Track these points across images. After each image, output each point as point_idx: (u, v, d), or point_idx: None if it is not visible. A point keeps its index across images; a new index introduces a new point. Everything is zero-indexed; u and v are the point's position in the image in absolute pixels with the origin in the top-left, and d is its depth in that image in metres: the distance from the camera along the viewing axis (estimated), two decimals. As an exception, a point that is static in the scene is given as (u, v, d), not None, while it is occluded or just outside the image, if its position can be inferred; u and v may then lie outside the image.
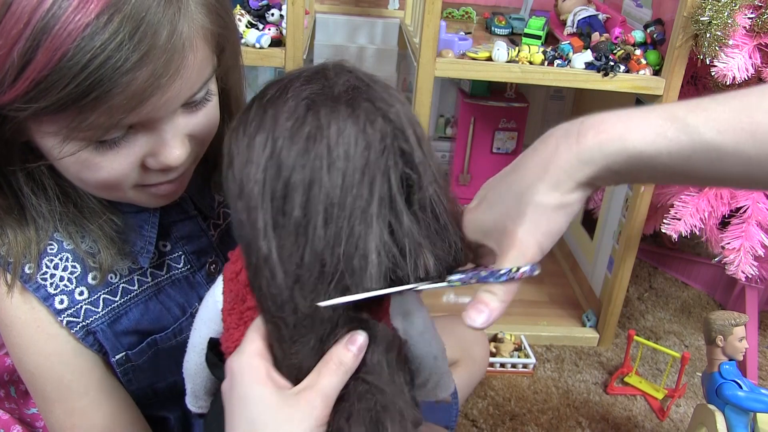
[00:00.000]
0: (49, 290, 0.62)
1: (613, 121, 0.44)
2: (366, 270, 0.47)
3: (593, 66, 1.19)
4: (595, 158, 0.44)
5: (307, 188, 0.46)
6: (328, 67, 0.51)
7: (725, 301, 1.65)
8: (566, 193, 0.45)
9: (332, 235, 0.46)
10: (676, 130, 0.42)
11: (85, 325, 0.64)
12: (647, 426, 1.28)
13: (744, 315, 1.06)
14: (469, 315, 0.46)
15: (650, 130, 0.43)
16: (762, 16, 1.11)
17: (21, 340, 0.63)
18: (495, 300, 0.46)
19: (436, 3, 1.12)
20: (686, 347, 1.52)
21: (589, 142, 0.44)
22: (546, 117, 1.77)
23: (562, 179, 0.45)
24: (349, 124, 0.46)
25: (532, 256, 0.46)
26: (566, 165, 0.45)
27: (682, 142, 0.42)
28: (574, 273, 1.68)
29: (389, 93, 0.50)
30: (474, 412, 1.26)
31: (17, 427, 0.79)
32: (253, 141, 0.47)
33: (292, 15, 1.10)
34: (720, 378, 1.04)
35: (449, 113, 1.76)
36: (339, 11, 1.64)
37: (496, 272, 0.46)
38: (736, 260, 1.23)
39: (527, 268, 0.46)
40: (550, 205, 0.45)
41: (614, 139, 0.44)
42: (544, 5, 1.54)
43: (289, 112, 0.47)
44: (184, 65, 0.51)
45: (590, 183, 0.46)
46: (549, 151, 0.46)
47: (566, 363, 1.42)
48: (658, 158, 0.43)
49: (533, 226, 0.46)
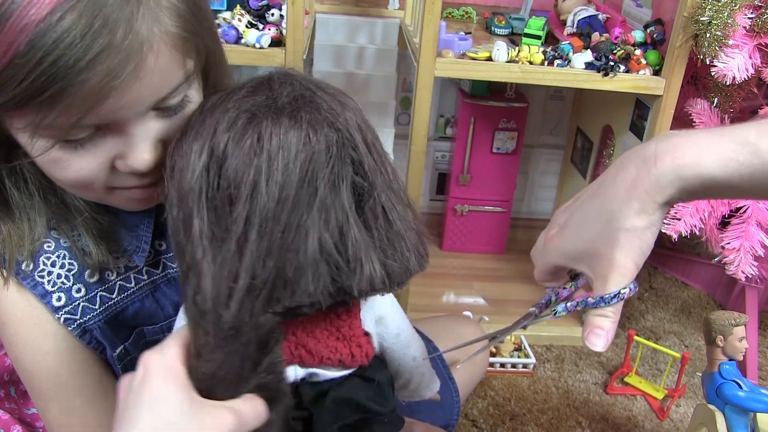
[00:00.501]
0: (46, 287, 0.63)
1: (687, 146, 0.48)
2: (300, 282, 0.46)
3: (593, 66, 1.19)
4: (674, 182, 0.48)
5: (244, 200, 0.45)
6: (273, 78, 0.50)
7: (725, 301, 1.65)
8: (651, 214, 0.50)
9: (265, 247, 0.45)
10: (748, 153, 0.46)
11: (82, 323, 0.64)
12: (647, 426, 1.28)
13: (744, 315, 1.06)
14: (590, 340, 0.50)
15: (724, 155, 0.47)
16: (762, 16, 1.11)
17: (18, 338, 0.63)
18: (608, 322, 0.50)
19: (436, 3, 1.12)
20: (686, 347, 1.52)
21: (667, 167, 0.48)
22: (546, 117, 1.77)
23: (646, 202, 0.49)
24: (290, 136, 0.46)
25: (632, 276, 0.50)
26: (649, 189, 0.49)
27: (754, 165, 0.46)
28: (574, 273, 1.68)
29: (338, 101, 0.50)
30: (474, 412, 1.26)
31: (17, 427, 0.79)
32: (190, 150, 0.47)
33: (292, 15, 1.10)
34: (720, 378, 1.04)
35: (449, 113, 1.76)
36: (339, 11, 1.64)
37: (606, 297, 0.50)
38: (736, 260, 1.23)
39: (632, 287, 0.50)
40: (640, 227, 0.50)
41: (691, 164, 0.48)
42: (544, 5, 1.53)
43: (228, 122, 0.47)
44: (143, 67, 0.50)
45: (668, 203, 0.50)
46: (630, 178, 0.50)
47: (566, 363, 1.42)
48: (731, 181, 0.47)
49: (629, 249, 0.50)
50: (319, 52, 1.58)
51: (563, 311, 0.51)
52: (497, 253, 1.78)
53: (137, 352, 0.68)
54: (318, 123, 0.47)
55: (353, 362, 0.51)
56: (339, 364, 0.50)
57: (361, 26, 1.61)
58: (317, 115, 0.47)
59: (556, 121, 1.77)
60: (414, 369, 0.60)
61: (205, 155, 0.46)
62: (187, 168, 0.47)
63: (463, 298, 1.58)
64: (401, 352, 0.58)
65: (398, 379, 0.59)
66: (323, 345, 0.51)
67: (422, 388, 0.63)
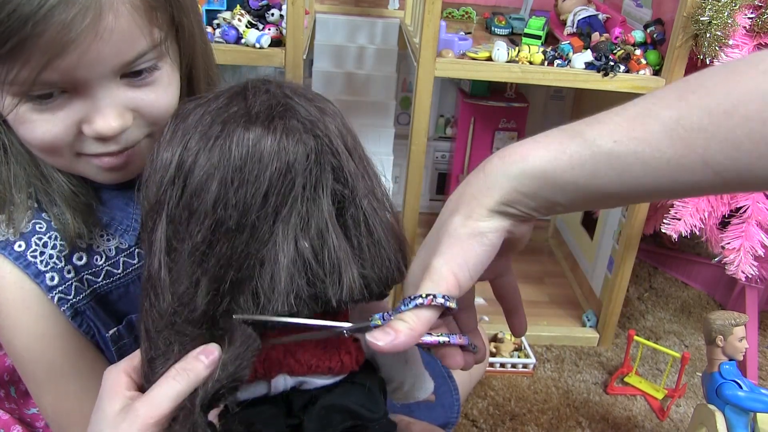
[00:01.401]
0: (39, 267, 0.62)
1: (516, 146, 0.45)
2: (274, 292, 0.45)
3: (593, 66, 1.19)
4: (500, 182, 0.45)
5: (210, 212, 0.45)
6: (248, 87, 0.49)
7: (725, 301, 1.65)
8: (478, 220, 0.45)
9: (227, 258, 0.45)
10: (576, 145, 0.43)
11: (75, 303, 0.64)
12: (647, 426, 1.28)
13: (744, 315, 1.06)
14: (374, 335, 0.44)
15: (551, 147, 0.44)
16: (762, 16, 1.12)
17: (9, 321, 0.62)
18: (404, 326, 0.44)
19: (436, 3, 1.12)
20: (686, 347, 1.52)
21: (495, 168, 0.45)
22: (546, 117, 1.77)
23: (473, 208, 0.45)
24: (262, 145, 0.45)
25: (447, 287, 0.45)
26: (476, 193, 0.45)
27: (583, 156, 0.42)
28: (574, 273, 1.68)
29: (316, 106, 0.49)
30: (474, 412, 1.26)
31: (17, 427, 0.79)
32: (162, 159, 0.47)
33: (292, 15, 1.10)
34: (720, 378, 1.04)
35: (449, 113, 1.76)
36: (339, 11, 1.64)
37: (405, 300, 0.45)
38: (736, 260, 1.23)
39: (440, 298, 0.44)
40: (463, 234, 0.45)
41: (516, 160, 0.44)
42: (544, 5, 1.53)
43: (200, 134, 0.46)
44: (100, 24, 0.51)
45: (502, 210, 0.45)
46: (464, 185, 0.47)
47: (566, 363, 1.42)
48: (563, 175, 0.43)
49: (448, 257, 0.45)
50: (319, 52, 1.58)
51: (379, 318, 0.46)
52: (497, 253, 1.77)
53: (130, 338, 0.69)
54: (294, 130, 0.46)
55: (343, 369, 0.50)
56: (329, 372, 0.49)
57: (361, 26, 1.61)
58: (294, 122, 0.46)
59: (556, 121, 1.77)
60: (406, 372, 0.60)
61: (173, 167, 0.46)
62: (155, 179, 0.47)
63: (463, 298, 1.58)
64: (392, 356, 0.57)
65: (391, 383, 0.59)
66: (311, 354, 0.49)
67: (416, 390, 0.62)
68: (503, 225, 0.46)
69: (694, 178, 0.40)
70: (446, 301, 0.44)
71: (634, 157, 0.41)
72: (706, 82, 0.41)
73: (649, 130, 0.41)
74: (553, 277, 1.69)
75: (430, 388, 0.64)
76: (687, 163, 0.40)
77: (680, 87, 0.41)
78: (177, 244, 0.46)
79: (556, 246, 1.83)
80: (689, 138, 0.39)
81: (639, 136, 0.41)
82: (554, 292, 1.63)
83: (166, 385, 0.46)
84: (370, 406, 0.51)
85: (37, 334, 0.63)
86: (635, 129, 0.41)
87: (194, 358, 0.47)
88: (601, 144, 0.42)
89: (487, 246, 0.46)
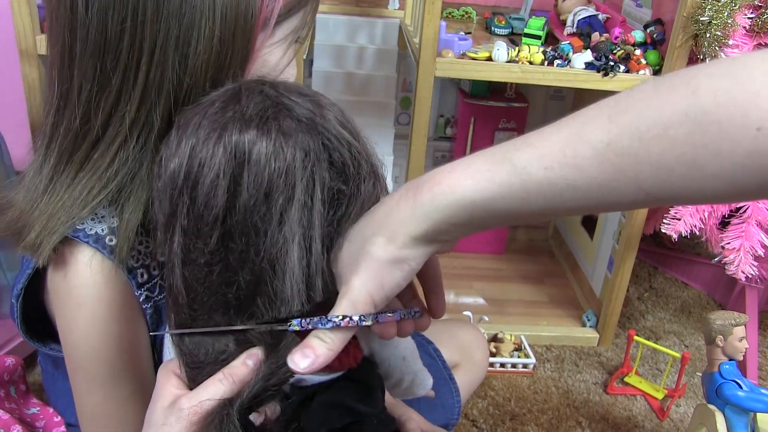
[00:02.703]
0: (131, 263, 0.61)
1: (445, 173, 0.44)
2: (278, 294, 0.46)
3: (593, 66, 1.19)
4: (429, 213, 0.43)
5: (220, 218, 0.46)
6: (241, 90, 0.50)
7: (725, 301, 1.65)
8: (401, 248, 0.45)
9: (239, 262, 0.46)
10: (506, 173, 0.41)
11: (157, 301, 0.63)
12: (647, 426, 1.28)
13: (744, 315, 1.06)
14: (293, 358, 0.45)
15: (480, 176, 0.42)
16: (762, 16, 1.12)
17: (88, 320, 0.60)
18: (323, 347, 0.46)
19: (436, 3, 1.12)
20: (686, 347, 1.52)
21: (424, 196, 0.44)
22: (546, 117, 1.77)
23: (398, 233, 0.45)
24: (259, 149, 0.45)
25: (364, 307, 0.46)
26: (403, 219, 0.45)
27: (513, 185, 0.41)
28: (574, 273, 1.68)
29: (312, 101, 0.49)
30: (474, 412, 1.26)
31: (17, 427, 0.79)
32: (169, 171, 0.47)
33: (292, 15, 1.10)
34: (720, 378, 1.04)
35: (449, 113, 1.76)
36: (339, 11, 1.64)
37: (323, 319, 0.46)
38: (736, 260, 1.23)
39: (356, 318, 0.45)
40: (383, 258, 0.45)
41: (445, 192, 0.43)
42: (544, 5, 1.54)
43: (203, 139, 0.47)
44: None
45: (429, 239, 0.45)
46: (391, 205, 0.46)
47: (566, 363, 1.42)
48: (494, 204, 0.42)
49: (366, 278, 0.45)
50: (319, 52, 1.58)
51: (297, 325, 0.47)
52: (497, 253, 1.78)
53: None
54: (290, 131, 0.47)
55: (341, 366, 0.51)
56: (326, 369, 0.49)
57: (361, 26, 1.61)
58: (289, 122, 0.47)
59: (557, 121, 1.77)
60: (404, 368, 0.60)
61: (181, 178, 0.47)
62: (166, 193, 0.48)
63: (463, 298, 1.59)
64: (389, 353, 0.57)
65: (389, 379, 0.59)
66: None
67: (415, 386, 0.62)
68: (427, 251, 0.46)
69: (626, 198, 0.40)
70: (362, 321, 0.46)
71: (564, 184, 0.40)
72: (637, 102, 0.39)
73: (579, 155, 0.40)
74: (553, 277, 1.69)
75: (429, 383, 0.65)
76: (618, 186, 0.39)
77: (611, 106, 0.40)
78: (193, 255, 0.47)
79: (556, 246, 1.83)
80: (620, 163, 0.38)
81: (569, 162, 0.40)
82: (554, 292, 1.63)
83: (212, 386, 0.49)
84: (369, 401, 0.52)
85: (112, 333, 0.61)
86: (566, 155, 0.40)
87: (242, 363, 0.49)
88: (532, 171, 0.41)
89: (407, 272, 0.46)
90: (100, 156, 0.57)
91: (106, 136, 0.57)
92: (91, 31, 0.53)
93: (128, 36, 0.53)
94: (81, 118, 0.56)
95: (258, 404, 0.48)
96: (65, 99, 0.57)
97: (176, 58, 0.54)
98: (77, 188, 0.58)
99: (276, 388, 0.48)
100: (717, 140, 0.36)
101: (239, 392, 0.48)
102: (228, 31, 0.54)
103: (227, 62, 0.56)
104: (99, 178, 0.58)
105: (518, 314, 1.53)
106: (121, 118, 0.56)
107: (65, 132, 0.57)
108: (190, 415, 0.48)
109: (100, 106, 0.56)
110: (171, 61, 0.54)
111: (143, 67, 0.54)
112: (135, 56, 0.54)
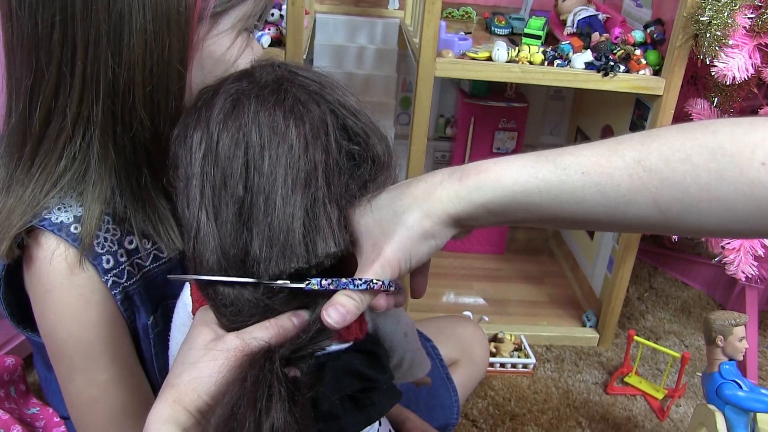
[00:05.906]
0: (96, 249, 0.62)
1: (491, 164, 0.49)
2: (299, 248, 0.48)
3: (593, 66, 1.19)
4: (473, 196, 0.48)
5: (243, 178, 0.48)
6: (254, 67, 0.54)
7: (725, 301, 1.65)
8: (435, 224, 0.49)
9: (262, 220, 0.48)
10: (547, 171, 0.47)
11: (126, 287, 0.64)
12: (647, 426, 1.28)
13: (744, 315, 1.06)
14: (328, 312, 0.48)
15: (524, 170, 0.48)
16: (762, 16, 1.11)
17: (59, 306, 0.62)
18: (351, 304, 0.49)
19: (436, 3, 1.12)
20: (686, 347, 1.52)
21: (470, 180, 0.48)
22: (546, 117, 1.77)
23: (435, 209, 0.49)
24: (276, 111, 0.48)
25: (392, 274, 0.49)
26: (443, 197, 0.49)
27: (551, 181, 0.47)
28: (574, 273, 1.68)
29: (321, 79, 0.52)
30: (474, 412, 1.26)
31: (17, 427, 0.79)
32: (191, 140, 0.50)
33: (292, 15, 1.10)
34: (720, 378, 1.04)
35: (449, 113, 1.76)
36: (339, 11, 1.64)
37: (357, 281, 0.48)
38: (736, 260, 1.23)
39: (387, 284, 0.49)
40: (418, 231, 0.49)
41: (492, 179, 0.48)
42: (544, 5, 1.53)
43: (218, 108, 0.50)
44: None
45: (461, 221, 0.49)
46: (434, 183, 0.50)
47: (566, 363, 1.42)
48: (530, 198, 0.47)
49: (399, 246, 0.49)
50: (319, 52, 1.58)
51: (315, 285, 0.49)
52: (497, 253, 1.78)
53: (165, 325, 0.68)
54: (305, 99, 0.50)
55: (349, 335, 0.53)
56: (336, 337, 0.52)
57: (361, 26, 1.61)
58: (302, 91, 0.50)
59: (556, 121, 1.78)
60: (406, 346, 0.62)
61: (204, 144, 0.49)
62: (190, 159, 0.50)
63: (463, 298, 1.59)
64: (393, 327, 0.60)
65: (392, 357, 0.61)
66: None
67: (415, 366, 0.65)
68: (453, 233, 0.50)
69: (641, 213, 0.46)
70: (390, 287, 0.49)
71: (595, 188, 0.46)
72: (664, 134, 0.46)
73: (613, 165, 0.46)
74: (553, 277, 1.69)
75: (428, 366, 0.67)
76: (639, 198, 0.46)
77: (643, 135, 0.47)
78: (219, 213, 0.49)
79: (556, 246, 1.83)
80: (646, 177, 0.45)
81: (604, 170, 0.46)
82: (554, 292, 1.63)
83: (259, 330, 0.51)
84: (378, 368, 0.54)
85: (84, 320, 0.63)
86: (601, 164, 0.46)
87: (287, 317, 0.52)
88: (570, 173, 0.47)
89: (432, 248, 0.50)
90: (48, 152, 0.59)
91: (50, 132, 0.58)
92: (24, 25, 0.55)
93: (59, 31, 0.54)
94: (22, 112, 0.58)
95: (295, 361, 0.50)
96: (13, 95, 0.59)
97: (109, 52, 0.54)
98: (30, 185, 0.60)
99: (311, 351, 0.50)
100: (727, 168, 0.44)
101: (282, 344, 0.50)
102: (161, 25, 0.55)
103: (165, 55, 0.56)
104: (49, 174, 0.59)
105: (518, 314, 1.53)
106: (62, 113, 0.57)
107: (13, 128, 0.59)
108: (236, 350, 0.49)
109: (38, 100, 0.57)
110: (104, 56, 0.55)
111: (79, 62, 0.55)
112: (69, 51, 0.55)
